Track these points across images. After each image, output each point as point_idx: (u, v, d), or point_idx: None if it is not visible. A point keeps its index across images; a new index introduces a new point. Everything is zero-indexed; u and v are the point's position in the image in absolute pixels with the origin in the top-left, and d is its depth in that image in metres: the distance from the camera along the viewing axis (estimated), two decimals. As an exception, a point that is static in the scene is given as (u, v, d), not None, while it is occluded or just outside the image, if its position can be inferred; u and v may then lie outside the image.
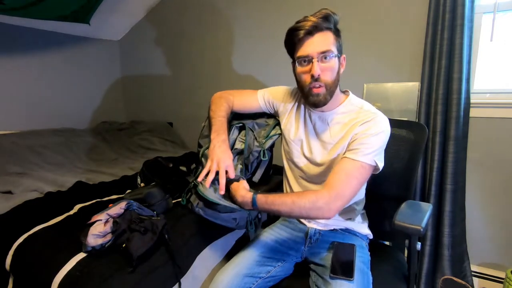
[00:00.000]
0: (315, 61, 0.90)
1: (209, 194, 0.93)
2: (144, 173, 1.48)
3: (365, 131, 0.92)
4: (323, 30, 0.90)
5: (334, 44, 0.92)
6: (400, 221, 0.87)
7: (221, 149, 0.98)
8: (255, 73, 2.20)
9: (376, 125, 0.92)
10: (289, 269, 1.05)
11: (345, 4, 1.78)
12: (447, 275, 1.51)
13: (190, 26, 2.43)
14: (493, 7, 1.47)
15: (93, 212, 1.08)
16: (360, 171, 0.90)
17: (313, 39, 0.90)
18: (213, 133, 1.04)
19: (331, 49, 0.90)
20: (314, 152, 1.04)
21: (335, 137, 0.99)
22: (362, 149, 0.90)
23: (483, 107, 1.51)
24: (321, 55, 0.90)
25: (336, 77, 0.94)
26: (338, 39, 0.94)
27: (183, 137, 2.63)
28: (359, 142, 0.91)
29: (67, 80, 2.46)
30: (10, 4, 1.77)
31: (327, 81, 0.92)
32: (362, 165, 0.90)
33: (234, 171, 0.97)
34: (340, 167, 0.91)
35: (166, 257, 1.02)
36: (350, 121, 0.97)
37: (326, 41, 0.90)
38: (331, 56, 0.90)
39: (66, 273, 0.94)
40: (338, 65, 0.94)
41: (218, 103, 1.14)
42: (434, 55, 1.50)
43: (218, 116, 1.09)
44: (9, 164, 1.69)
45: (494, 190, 1.54)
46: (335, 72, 0.93)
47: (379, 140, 0.91)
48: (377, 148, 0.91)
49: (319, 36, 0.90)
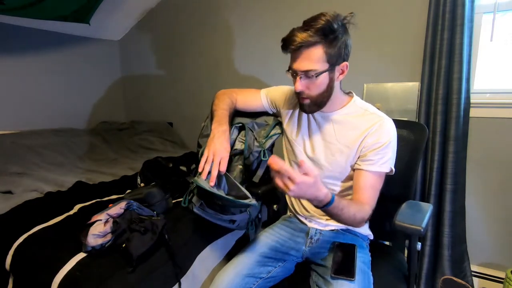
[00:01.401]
0: (298, 78, 0.91)
1: (204, 184, 0.94)
2: (144, 173, 1.48)
3: (376, 141, 0.94)
4: (310, 47, 0.86)
5: (322, 60, 0.87)
6: (401, 221, 0.87)
7: (219, 140, 0.99)
8: (255, 73, 2.20)
9: (383, 132, 0.94)
10: (290, 269, 1.05)
11: (345, 4, 1.78)
12: (447, 275, 1.51)
13: (190, 26, 2.43)
14: (493, 7, 1.47)
15: (93, 212, 1.08)
16: (381, 180, 0.97)
17: (299, 56, 0.88)
18: (214, 123, 1.05)
19: (316, 68, 0.87)
20: (317, 151, 1.04)
21: (340, 138, 0.99)
22: (379, 160, 0.94)
23: (483, 107, 1.51)
24: (304, 73, 0.89)
25: (326, 89, 0.92)
26: (333, 49, 0.87)
27: (183, 137, 2.63)
28: (375, 153, 0.94)
29: (67, 80, 2.45)
30: (10, 4, 1.77)
31: (311, 96, 0.93)
32: (381, 175, 0.96)
33: (226, 164, 0.97)
34: (367, 183, 0.95)
35: (166, 257, 1.02)
36: (355, 122, 0.97)
37: (312, 59, 0.87)
38: (315, 75, 0.88)
39: (66, 273, 0.94)
40: (328, 79, 0.91)
41: (221, 98, 1.16)
42: (434, 55, 1.50)
43: (220, 108, 1.10)
44: (9, 164, 1.69)
45: (494, 190, 1.54)
46: (322, 87, 0.91)
47: (392, 148, 0.96)
48: (391, 156, 0.96)
49: (305, 53, 0.87)
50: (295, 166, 1.12)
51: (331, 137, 1.01)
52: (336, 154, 1.00)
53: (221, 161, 0.95)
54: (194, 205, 1.17)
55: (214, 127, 1.03)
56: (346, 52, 0.91)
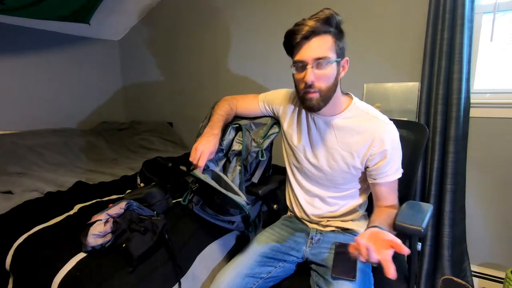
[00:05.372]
0: (309, 67, 0.87)
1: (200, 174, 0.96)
2: (144, 173, 1.48)
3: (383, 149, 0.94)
4: (321, 34, 0.86)
5: (332, 49, 0.87)
6: (401, 222, 0.86)
7: (207, 139, 1.00)
8: (254, 73, 2.20)
9: (390, 140, 0.94)
10: (290, 270, 1.05)
11: (345, 4, 1.78)
12: (447, 275, 1.51)
13: (189, 26, 2.43)
14: (493, 7, 1.47)
15: (93, 212, 1.08)
16: (396, 182, 0.99)
17: (310, 44, 0.86)
18: (207, 127, 1.07)
19: (328, 55, 0.86)
20: (320, 158, 1.03)
21: (342, 144, 0.98)
22: (391, 169, 0.96)
23: (483, 107, 1.51)
24: (316, 61, 0.86)
25: (333, 83, 0.91)
26: (339, 42, 0.88)
27: (183, 137, 2.63)
28: (385, 164, 0.95)
29: (67, 80, 2.46)
30: (10, 4, 1.77)
31: (321, 88, 0.89)
32: (396, 181, 0.99)
33: (205, 160, 0.96)
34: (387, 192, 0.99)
35: (166, 257, 1.02)
36: (356, 128, 0.96)
37: (323, 47, 0.86)
38: (327, 63, 0.87)
39: (66, 273, 0.94)
40: (336, 71, 0.90)
41: (221, 104, 1.17)
42: (434, 55, 1.50)
43: (217, 114, 1.12)
44: (9, 164, 1.69)
45: (494, 190, 1.54)
46: (331, 79, 0.90)
47: (399, 153, 0.97)
48: (397, 159, 0.97)
49: (316, 41, 0.86)
50: (295, 170, 1.13)
51: (333, 143, 1.00)
52: (339, 160, 0.99)
53: (201, 154, 0.96)
54: (194, 205, 1.17)
55: (206, 131, 1.05)
56: (346, 48, 0.93)
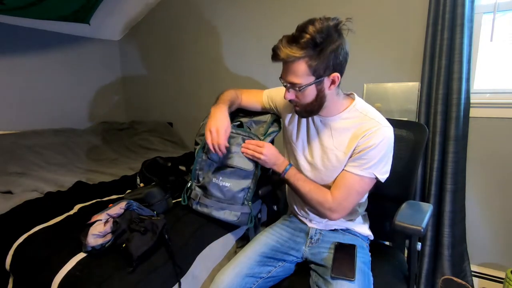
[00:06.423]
0: (288, 86, 0.92)
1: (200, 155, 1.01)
2: (143, 173, 1.48)
3: (365, 144, 0.91)
4: (294, 62, 0.85)
5: (306, 74, 0.86)
6: (401, 222, 0.87)
7: (216, 117, 1.03)
8: (254, 72, 2.20)
9: (376, 136, 0.91)
10: (290, 269, 1.05)
11: (345, 4, 1.79)
12: (447, 275, 1.51)
13: (189, 26, 2.43)
14: (493, 7, 1.47)
15: (93, 212, 1.08)
16: (360, 184, 0.95)
17: (286, 67, 0.90)
18: (212, 108, 1.08)
19: (300, 81, 0.87)
20: (315, 156, 1.03)
21: (337, 143, 0.98)
22: (362, 163, 0.93)
23: (483, 107, 1.51)
24: (290, 85, 0.91)
25: (314, 100, 0.92)
26: (318, 62, 0.84)
27: (183, 137, 2.63)
28: (359, 156, 0.93)
29: (67, 80, 2.45)
30: (10, 4, 1.77)
31: (302, 104, 0.94)
32: (362, 179, 0.94)
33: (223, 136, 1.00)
34: (342, 182, 0.96)
35: (166, 257, 1.02)
36: (353, 128, 0.96)
37: (296, 73, 0.87)
38: (301, 88, 0.89)
39: (66, 273, 0.94)
40: (316, 90, 0.90)
41: (226, 92, 1.19)
42: (434, 55, 1.50)
43: (222, 100, 1.13)
44: (9, 164, 1.69)
45: (494, 190, 1.54)
46: (309, 98, 0.91)
47: (378, 152, 0.91)
48: (376, 161, 0.91)
49: (289, 67, 0.88)
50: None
51: (329, 143, 1.00)
52: (333, 160, 0.99)
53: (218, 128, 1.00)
54: (193, 201, 1.18)
55: (212, 111, 1.06)
56: (337, 62, 0.86)
